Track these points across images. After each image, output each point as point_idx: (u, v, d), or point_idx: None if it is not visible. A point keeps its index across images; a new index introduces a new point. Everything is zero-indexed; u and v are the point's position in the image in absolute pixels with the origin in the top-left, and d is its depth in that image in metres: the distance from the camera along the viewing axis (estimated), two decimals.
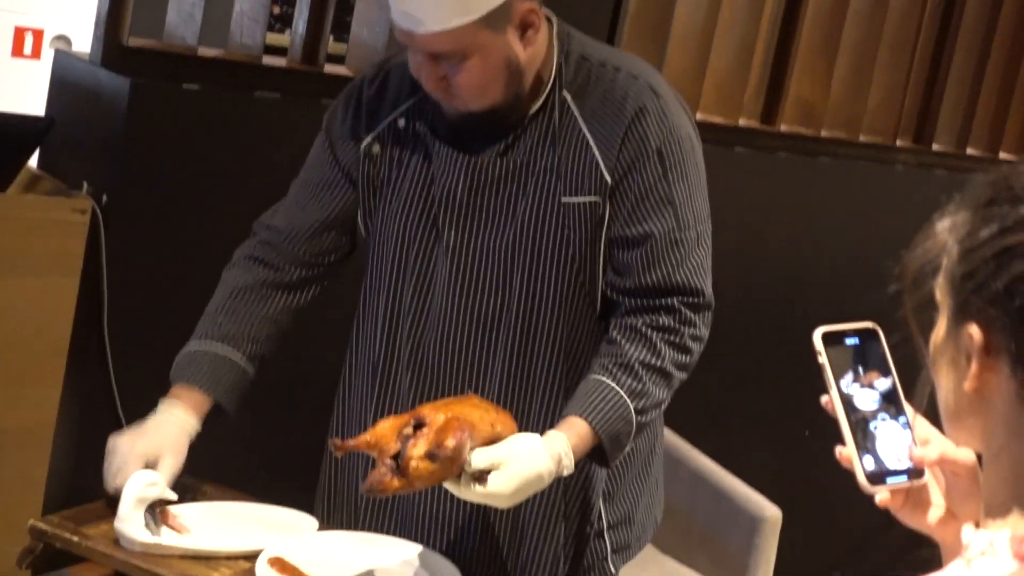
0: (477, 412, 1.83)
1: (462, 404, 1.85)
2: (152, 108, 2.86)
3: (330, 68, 3.21)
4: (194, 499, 2.10)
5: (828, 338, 1.11)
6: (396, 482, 1.74)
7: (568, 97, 2.00)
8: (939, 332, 0.98)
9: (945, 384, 0.98)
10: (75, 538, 1.93)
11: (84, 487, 2.23)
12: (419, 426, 1.78)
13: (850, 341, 1.11)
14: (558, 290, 2.01)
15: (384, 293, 2.10)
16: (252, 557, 1.92)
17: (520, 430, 1.90)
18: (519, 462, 1.79)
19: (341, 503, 2.19)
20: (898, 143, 4.42)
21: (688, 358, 2.03)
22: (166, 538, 1.94)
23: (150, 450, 1.98)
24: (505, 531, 2.09)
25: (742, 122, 3.98)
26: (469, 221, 2.02)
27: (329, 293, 2.28)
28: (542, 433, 1.90)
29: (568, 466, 1.87)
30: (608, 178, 1.98)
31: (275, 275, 2.15)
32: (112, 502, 1.96)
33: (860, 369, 1.12)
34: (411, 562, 1.97)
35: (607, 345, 2.01)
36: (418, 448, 1.74)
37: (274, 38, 3.92)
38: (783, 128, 4.08)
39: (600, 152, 1.98)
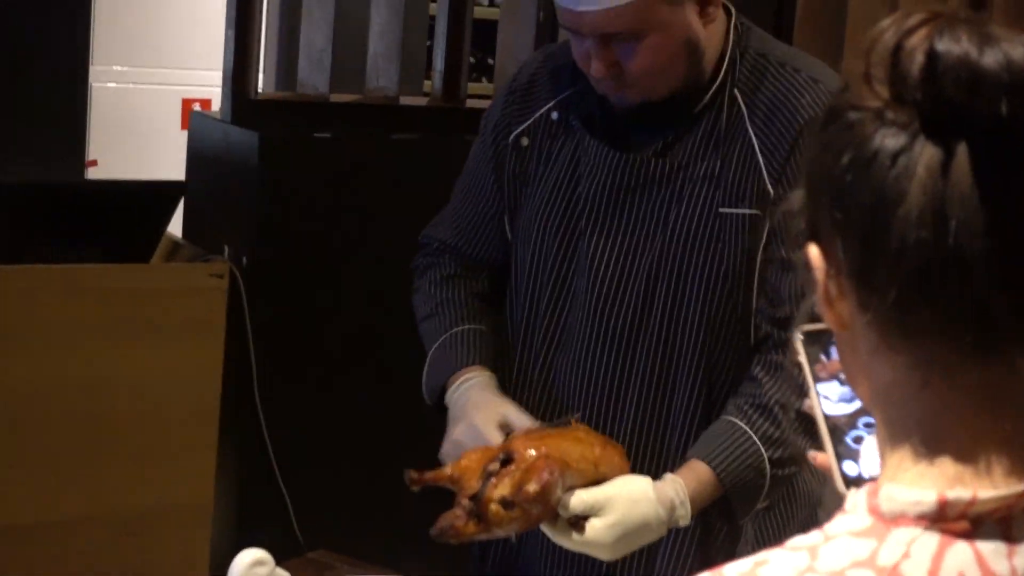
0: (578, 448, 1.63)
1: (562, 438, 1.64)
2: (283, 160, 2.75)
3: (473, 103, 3.04)
4: None
5: (810, 337, 1.04)
6: (472, 526, 1.56)
7: (739, 96, 1.79)
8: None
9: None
10: None
11: None
12: (507, 461, 1.58)
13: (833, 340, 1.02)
14: (705, 312, 1.79)
15: (521, 304, 1.91)
16: None
17: (652, 474, 1.67)
18: (621, 508, 1.60)
19: (501, 555, 1.99)
20: None
21: None
22: None
23: (492, 416, 1.76)
24: None
25: None
26: (614, 226, 1.82)
27: None
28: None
29: (684, 516, 1.67)
30: (771, 190, 1.76)
31: (458, 268, 1.99)
32: None
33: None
34: None
35: (747, 383, 1.78)
36: (499, 489, 1.56)
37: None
38: None
39: (765, 160, 1.77)
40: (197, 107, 4.60)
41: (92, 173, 4.49)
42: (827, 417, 1.02)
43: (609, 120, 1.83)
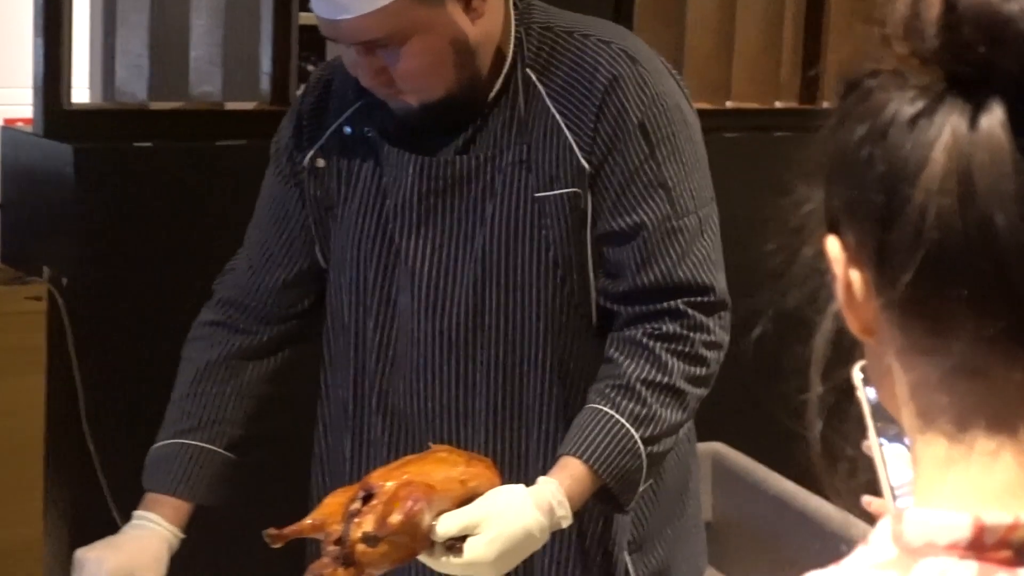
0: (441, 469, 1.54)
1: (423, 462, 1.55)
2: (101, 173, 2.61)
3: None
4: None
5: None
6: (342, 572, 1.45)
7: (532, 75, 1.74)
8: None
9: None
10: None
11: None
12: (369, 497, 1.48)
13: None
14: (541, 304, 1.72)
15: (346, 330, 1.82)
16: None
17: (517, 477, 1.61)
18: (500, 521, 1.52)
19: None
20: None
21: (703, 370, 1.69)
22: None
23: (123, 567, 1.71)
24: None
25: (779, 104, 3.71)
26: (431, 232, 1.75)
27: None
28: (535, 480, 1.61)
29: (565, 516, 1.59)
30: (586, 164, 1.70)
31: (243, 340, 1.87)
32: None
33: None
34: None
35: (604, 366, 1.72)
36: (363, 527, 1.45)
37: None
38: (827, 104, 3.72)
39: (573, 134, 1.71)
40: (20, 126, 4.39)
41: None
42: (887, 462, 0.91)
43: (404, 126, 1.75)
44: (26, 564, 2.61)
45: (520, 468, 1.70)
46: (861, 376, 0.88)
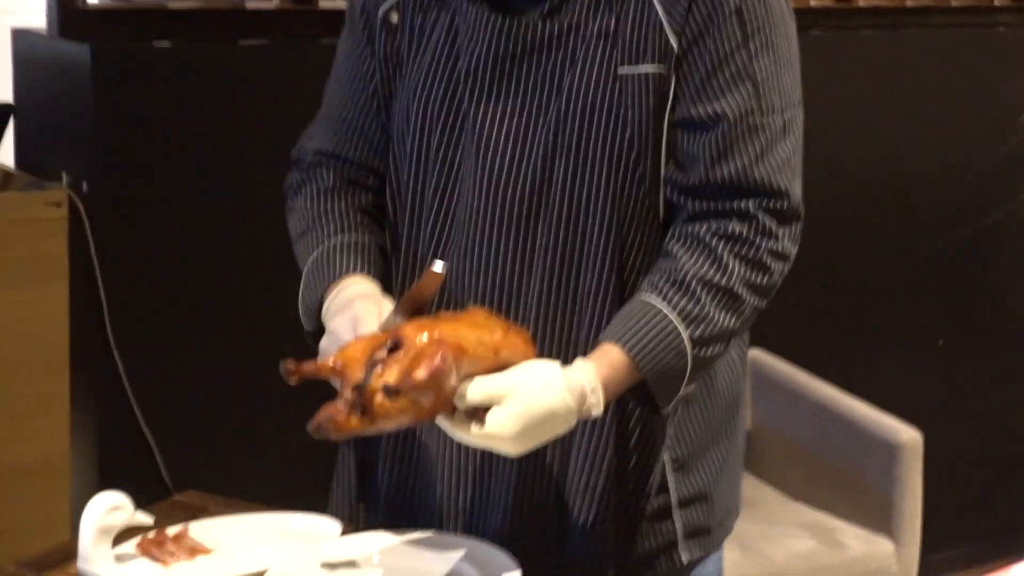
0: (475, 333, 1.45)
1: (459, 322, 1.46)
2: (119, 74, 2.51)
3: (327, 3, 2.81)
4: (190, 519, 1.70)
5: None
6: (355, 420, 1.38)
7: None
8: None
9: None
10: None
11: None
12: (396, 348, 1.41)
13: None
14: (610, 186, 1.63)
15: (405, 198, 1.73)
16: None
17: (558, 359, 1.53)
18: (527, 396, 1.44)
19: (365, 493, 1.80)
20: (996, 2, 3.97)
21: (766, 278, 1.61)
22: (146, 574, 1.55)
23: (375, 303, 1.58)
24: (546, 497, 1.68)
25: (814, 2, 3.62)
26: (502, 99, 1.65)
27: None
28: None
29: (596, 404, 1.51)
30: (674, 43, 1.61)
31: (347, 173, 1.77)
32: None
33: None
34: (446, 558, 1.57)
35: (662, 259, 1.63)
36: (385, 377, 1.38)
37: None
38: (862, 2, 3.70)
39: (665, 12, 1.62)
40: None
41: None
42: None
43: None
44: (52, 479, 2.55)
45: (565, 355, 1.61)
46: None
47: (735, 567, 2.69)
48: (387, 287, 1.70)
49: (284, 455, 2.61)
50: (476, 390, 1.43)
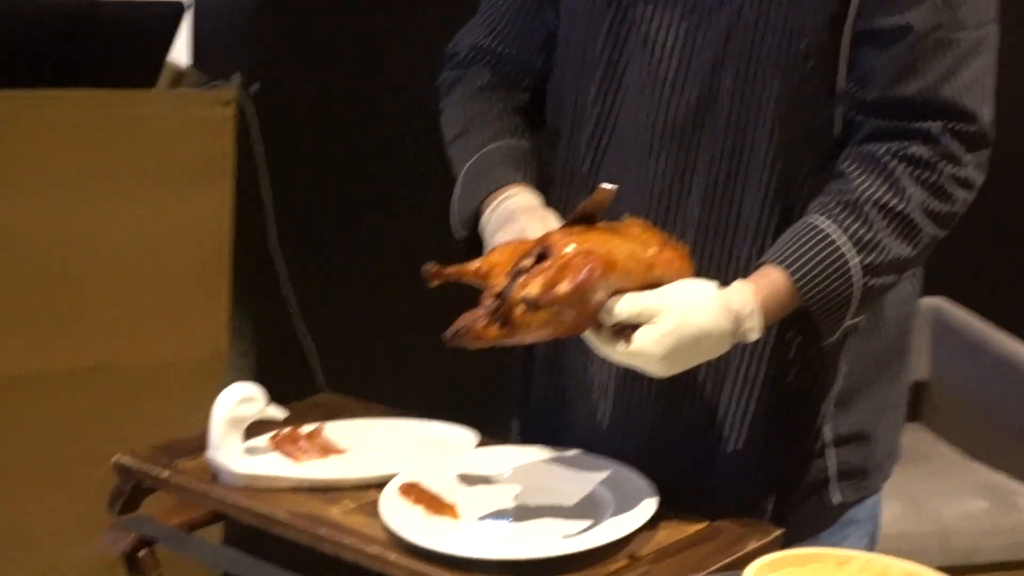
0: (629, 246, 1.38)
1: (612, 234, 1.39)
2: None
3: None
4: (327, 419, 1.67)
5: None
6: (494, 330, 1.32)
7: None
8: None
9: None
10: (165, 473, 1.54)
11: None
12: (544, 257, 1.35)
13: None
14: (781, 99, 1.53)
15: (564, 99, 1.66)
16: (385, 485, 1.48)
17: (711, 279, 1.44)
18: (680, 315, 1.36)
19: (525, 406, 1.76)
20: None
21: (947, 206, 1.49)
22: (275, 467, 1.53)
23: (539, 215, 1.55)
24: (695, 421, 1.60)
25: None
26: (670, 1, 1.57)
27: None
28: None
29: (753, 328, 1.42)
30: None
31: (502, 87, 1.72)
32: None
33: None
34: (581, 478, 1.50)
35: (833, 180, 1.52)
36: (528, 290, 1.32)
37: None
38: None
39: None
40: None
41: None
42: None
43: None
44: (210, 375, 2.56)
45: (723, 278, 1.52)
46: None
47: (896, 520, 2.57)
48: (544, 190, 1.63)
49: (440, 365, 2.59)
50: (624, 306, 1.36)
